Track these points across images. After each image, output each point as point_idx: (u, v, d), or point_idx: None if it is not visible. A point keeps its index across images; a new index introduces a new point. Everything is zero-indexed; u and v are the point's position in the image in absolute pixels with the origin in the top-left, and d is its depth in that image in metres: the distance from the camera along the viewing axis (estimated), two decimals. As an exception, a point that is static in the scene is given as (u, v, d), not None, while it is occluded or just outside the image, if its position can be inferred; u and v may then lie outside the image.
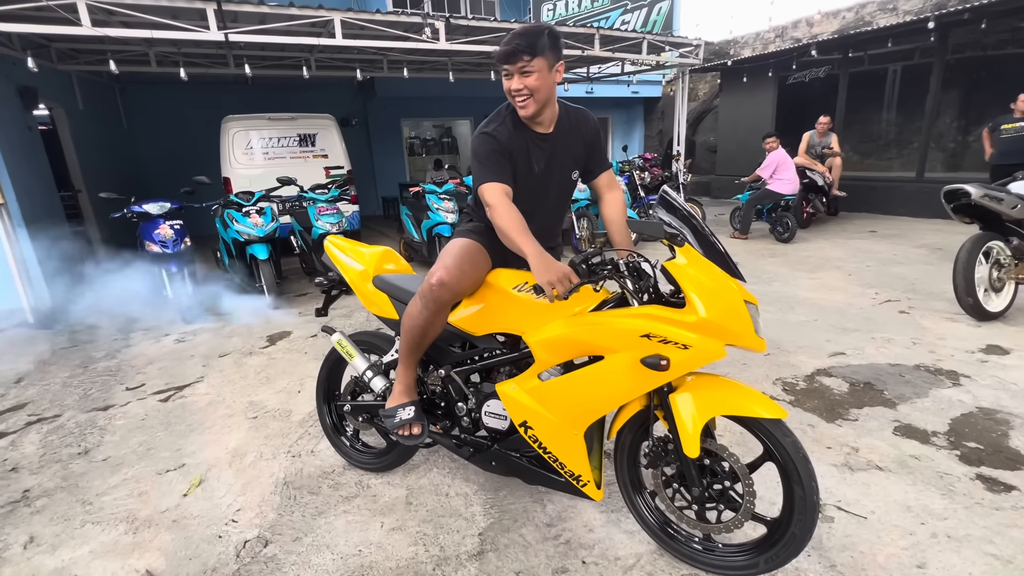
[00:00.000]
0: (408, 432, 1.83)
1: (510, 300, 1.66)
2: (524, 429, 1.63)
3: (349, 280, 2.12)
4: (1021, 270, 3.60)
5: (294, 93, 9.35)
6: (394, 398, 1.86)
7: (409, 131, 12.74)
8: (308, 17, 5.21)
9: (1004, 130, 5.78)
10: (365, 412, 2.12)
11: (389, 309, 1.98)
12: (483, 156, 1.63)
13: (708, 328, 1.34)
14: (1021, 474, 1.99)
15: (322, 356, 3.51)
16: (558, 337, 1.51)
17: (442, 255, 1.74)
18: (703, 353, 1.35)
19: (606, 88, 12.20)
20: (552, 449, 1.61)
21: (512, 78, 1.58)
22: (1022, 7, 6.60)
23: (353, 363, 2.07)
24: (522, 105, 1.60)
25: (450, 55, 7.04)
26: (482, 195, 1.61)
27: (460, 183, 6.23)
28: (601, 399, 1.51)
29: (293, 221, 5.72)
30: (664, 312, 1.40)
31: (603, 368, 1.47)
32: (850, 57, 8.57)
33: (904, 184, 8.13)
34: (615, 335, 1.43)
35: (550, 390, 1.56)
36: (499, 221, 1.55)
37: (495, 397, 1.72)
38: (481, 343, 1.80)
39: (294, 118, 7.03)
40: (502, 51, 1.55)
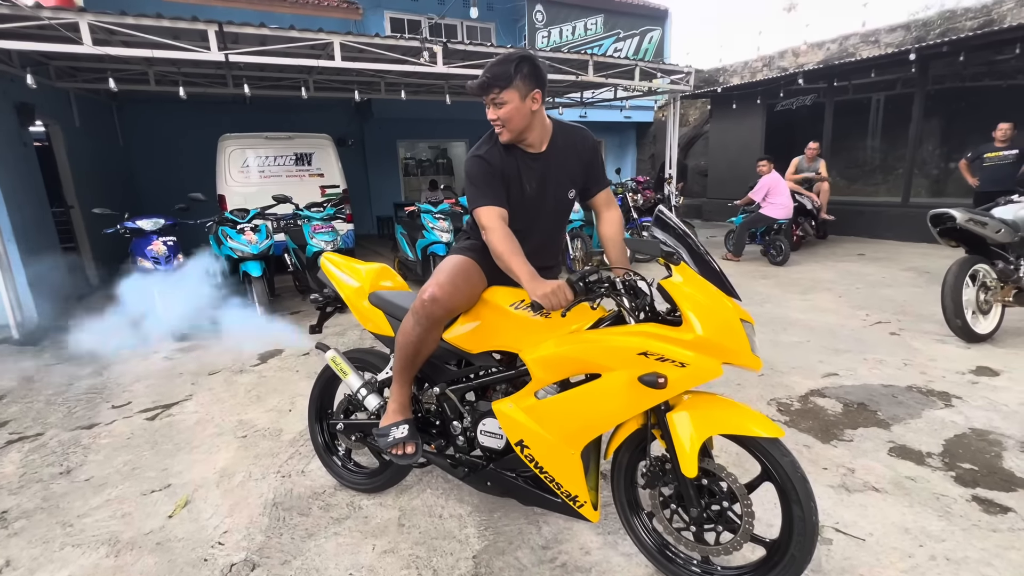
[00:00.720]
0: (402, 451, 1.79)
1: (506, 317, 1.66)
2: (520, 448, 1.61)
3: (345, 297, 2.11)
4: (1007, 293, 3.66)
5: (291, 113, 9.44)
6: (388, 416, 1.83)
7: (404, 152, 12.88)
8: (308, 40, 5.31)
9: (987, 159, 5.95)
10: (358, 431, 2.09)
11: (384, 326, 1.96)
12: (477, 179, 1.65)
13: (705, 346, 1.35)
14: (1016, 495, 1.99)
15: (314, 375, 3.48)
16: (555, 355, 1.51)
17: (436, 272, 1.75)
18: (700, 371, 1.35)
19: (599, 113, 12.46)
20: (548, 469, 1.59)
21: (489, 108, 1.63)
22: (998, 41, 6.89)
23: (347, 381, 2.04)
24: (498, 132, 1.67)
25: (447, 78, 7.17)
26: (477, 218, 1.64)
27: (455, 203, 6.28)
28: (598, 417, 1.50)
29: (287, 239, 5.71)
30: (661, 330, 1.40)
31: (600, 386, 1.46)
32: (835, 86, 8.85)
33: (890, 209, 8.31)
34: (612, 353, 1.43)
35: (547, 408, 1.55)
36: (494, 244, 1.58)
37: (491, 415, 1.70)
38: (477, 361, 1.78)
39: (291, 137, 7.08)
40: (475, 84, 1.61)
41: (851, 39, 9.12)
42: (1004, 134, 5.83)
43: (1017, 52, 6.86)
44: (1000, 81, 7.62)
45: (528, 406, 1.58)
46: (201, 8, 7.92)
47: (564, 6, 11.93)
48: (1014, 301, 3.69)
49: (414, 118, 10.96)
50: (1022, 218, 3.66)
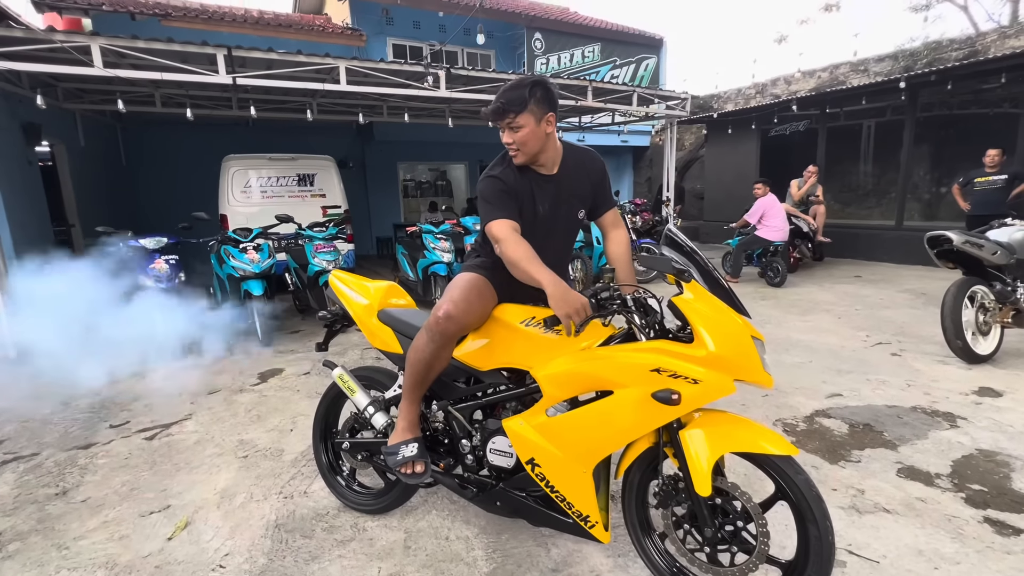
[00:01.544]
0: (411, 470, 1.77)
1: (517, 334, 1.66)
2: (531, 467, 1.59)
3: (353, 314, 2.11)
4: (1006, 314, 3.70)
5: (294, 135, 9.58)
6: (397, 434, 1.81)
7: (404, 173, 13.03)
8: (315, 64, 5.42)
9: (977, 183, 6.08)
10: (365, 450, 2.06)
11: (393, 343, 1.95)
12: (490, 196, 1.67)
13: (717, 363, 1.35)
14: (1028, 517, 1.97)
15: (315, 394, 3.46)
16: (567, 372, 1.51)
17: (449, 289, 1.75)
18: (713, 388, 1.35)
19: (597, 137, 12.68)
20: (559, 488, 1.57)
21: (504, 132, 1.67)
22: (984, 71, 7.11)
23: (354, 398, 2.02)
24: (513, 155, 1.71)
25: (449, 102, 7.31)
26: (490, 232, 1.64)
27: (456, 223, 6.33)
28: (611, 435, 1.49)
29: (289, 258, 5.72)
30: (673, 347, 1.41)
31: (613, 403, 1.45)
32: (827, 113, 9.06)
33: (885, 232, 8.43)
34: (625, 369, 1.42)
35: (558, 426, 1.54)
36: (510, 254, 1.57)
37: (501, 434, 1.68)
38: (487, 378, 1.76)
39: (294, 158, 7.17)
40: (490, 109, 1.65)
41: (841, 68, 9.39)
42: (993, 160, 5.97)
43: (1003, 81, 7.08)
44: (987, 109, 7.84)
45: (539, 423, 1.57)
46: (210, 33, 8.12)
47: (562, 34, 12.27)
48: (1013, 322, 3.72)
49: (415, 140, 11.13)
50: (1017, 240, 3.73)
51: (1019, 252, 3.69)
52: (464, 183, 13.44)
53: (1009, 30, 7.74)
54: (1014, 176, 5.88)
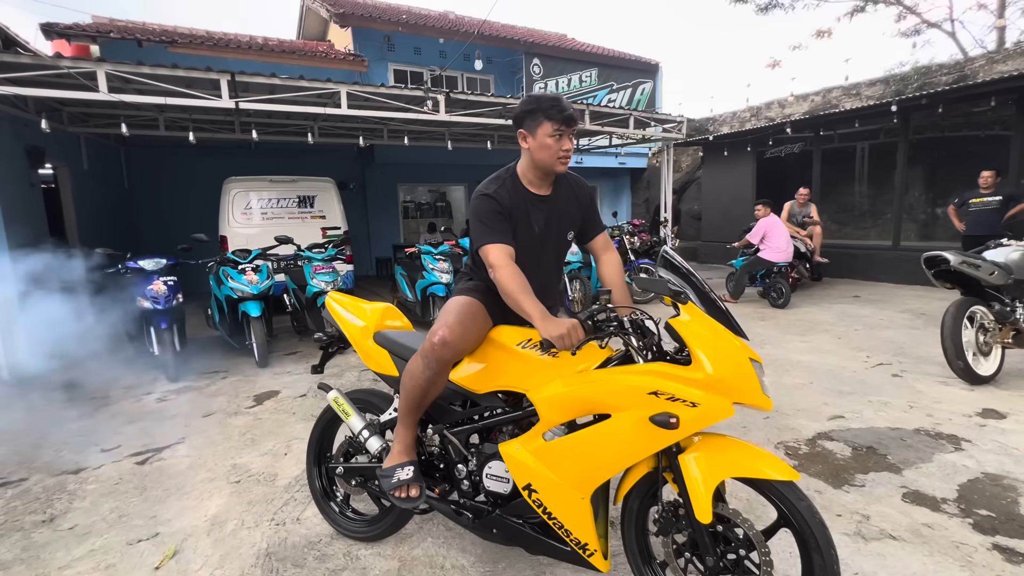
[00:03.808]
0: (406, 494, 1.74)
1: (513, 357, 1.64)
2: (528, 492, 1.55)
3: (349, 336, 2.09)
4: (1006, 334, 3.68)
5: (295, 157, 9.70)
6: (392, 458, 1.78)
7: (404, 195, 13.14)
8: (317, 89, 5.52)
9: (972, 204, 6.13)
10: (359, 475, 2.03)
11: (389, 366, 1.93)
12: (484, 216, 1.67)
13: (716, 385, 1.34)
14: (1038, 544, 1.93)
15: (311, 417, 3.42)
16: (563, 395, 1.49)
17: (443, 313, 1.74)
18: (712, 411, 1.33)
19: (595, 159, 12.85)
20: (557, 514, 1.53)
21: (564, 139, 1.68)
22: (974, 95, 7.25)
23: (349, 422, 1.99)
24: (564, 162, 1.73)
25: (449, 126, 7.42)
26: (485, 256, 1.64)
27: (455, 244, 6.35)
28: (609, 460, 1.46)
29: (287, 279, 5.72)
30: (671, 369, 1.39)
31: (610, 427, 1.43)
32: (821, 135, 9.20)
33: (882, 252, 8.46)
34: (622, 392, 1.41)
35: (556, 450, 1.51)
36: (504, 282, 1.58)
37: (497, 458, 1.65)
38: (483, 401, 1.74)
39: (294, 180, 7.23)
40: (568, 114, 1.66)
41: (834, 92, 9.58)
42: (987, 181, 6.03)
43: (992, 104, 7.21)
44: (978, 131, 7.96)
45: (536, 448, 1.54)
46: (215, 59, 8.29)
47: (560, 60, 12.54)
48: (1013, 343, 3.71)
49: (414, 163, 11.26)
50: (1014, 260, 3.74)
51: (1016, 272, 3.70)
52: (463, 204, 13.55)
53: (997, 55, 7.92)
54: (1008, 197, 5.93)
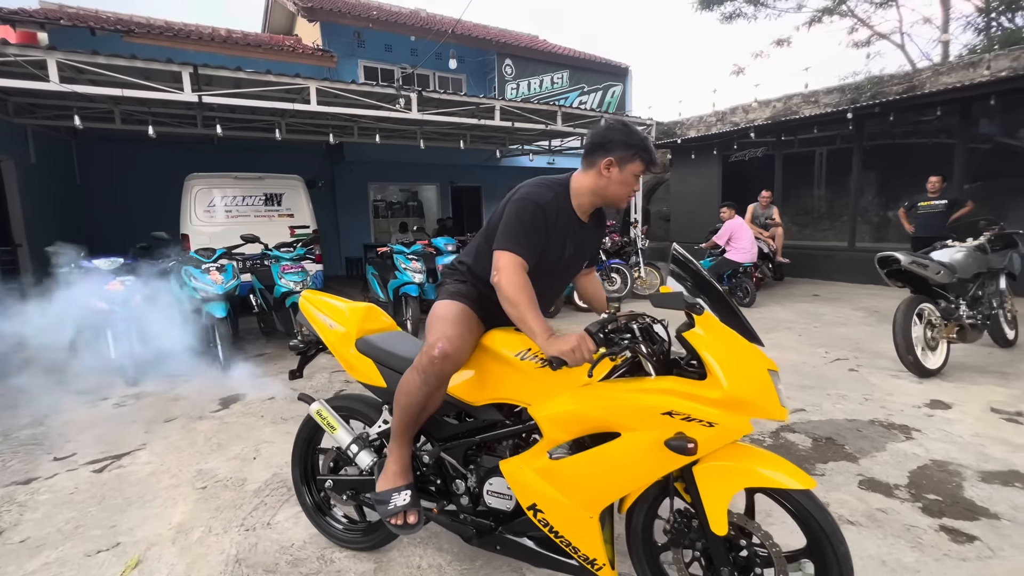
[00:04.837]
0: (403, 521, 1.63)
1: (510, 367, 1.53)
2: (533, 512, 1.47)
3: (328, 343, 1.93)
4: (951, 330, 3.92)
5: (261, 154, 9.43)
6: (387, 479, 1.66)
7: (375, 194, 12.96)
8: (285, 84, 5.39)
9: (921, 207, 6.50)
10: (350, 489, 1.91)
11: (375, 377, 1.79)
12: (527, 221, 1.52)
13: (733, 403, 1.27)
14: (980, 524, 2.06)
15: (281, 420, 3.34)
16: (569, 413, 1.39)
17: (436, 322, 1.60)
18: (728, 431, 1.28)
19: (567, 160, 12.97)
20: (565, 533, 1.45)
21: (638, 181, 1.62)
22: (921, 105, 7.67)
23: (336, 436, 1.84)
24: (627, 202, 1.69)
25: (421, 124, 7.37)
26: (498, 258, 1.50)
27: (428, 244, 6.31)
28: (620, 481, 1.39)
29: (254, 279, 5.57)
30: (685, 386, 1.31)
31: (621, 447, 1.35)
32: (783, 140, 9.56)
33: (839, 253, 8.86)
34: (634, 412, 1.32)
35: (562, 470, 1.42)
36: (509, 290, 1.45)
37: (497, 474, 1.56)
38: (479, 414, 1.63)
39: (261, 178, 7.04)
40: (656, 160, 1.60)
41: (794, 99, 9.94)
42: (934, 186, 6.40)
43: (938, 114, 7.65)
44: (926, 139, 8.43)
45: (541, 467, 1.44)
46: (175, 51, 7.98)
47: (532, 61, 12.62)
48: (957, 338, 3.95)
49: (385, 161, 11.12)
50: (958, 261, 3.99)
51: (960, 272, 3.94)
52: (435, 204, 13.47)
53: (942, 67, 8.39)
54: (953, 201, 6.32)
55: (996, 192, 7.43)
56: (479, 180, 13.33)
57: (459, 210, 13.62)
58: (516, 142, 10.32)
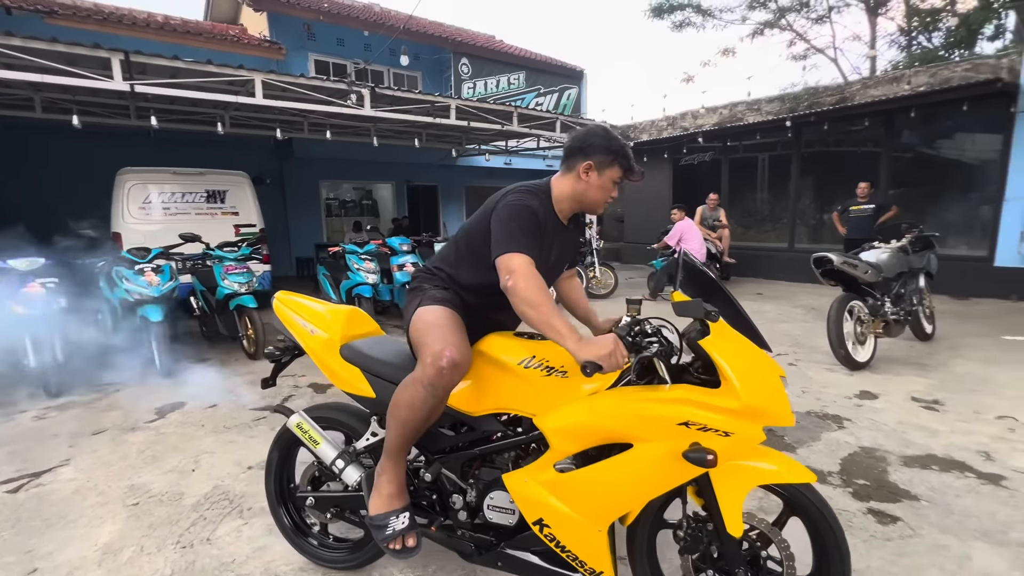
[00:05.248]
0: (401, 545, 1.53)
1: (515, 376, 1.45)
2: (539, 527, 1.40)
3: (308, 349, 1.79)
4: (877, 325, 4.21)
5: (204, 148, 8.92)
6: (381, 501, 1.54)
7: (327, 192, 12.58)
8: (227, 75, 5.13)
9: (851, 211, 6.96)
10: (335, 505, 1.78)
11: (363, 386, 1.67)
12: (525, 224, 1.47)
13: (748, 412, 1.26)
14: (903, 506, 2.22)
15: (224, 428, 3.18)
16: (579, 424, 1.34)
17: (432, 330, 1.48)
18: (743, 440, 1.27)
19: (524, 161, 13.06)
20: (572, 548, 1.40)
21: (616, 187, 1.60)
22: (851, 115, 8.22)
23: (319, 451, 1.72)
24: (605, 207, 1.65)
25: (374, 121, 7.20)
26: (508, 261, 1.41)
27: (382, 244, 6.18)
28: (633, 493, 1.36)
29: (194, 280, 5.27)
30: (701, 395, 1.29)
31: (636, 459, 1.31)
32: (728, 145, 10.01)
33: (780, 253, 9.36)
34: (649, 423, 1.29)
35: (572, 483, 1.36)
36: (528, 292, 1.36)
37: (499, 488, 1.49)
38: (479, 425, 1.55)
39: (202, 173, 6.68)
40: (634, 167, 1.57)
41: (739, 106, 10.42)
42: (863, 191, 6.88)
43: (866, 124, 8.22)
44: (856, 147, 9.04)
45: (548, 480, 1.38)
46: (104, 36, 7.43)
47: (488, 61, 12.61)
48: (883, 332, 4.25)
49: (338, 158, 10.80)
50: (883, 261, 4.29)
51: (885, 271, 4.25)
52: (391, 203, 13.21)
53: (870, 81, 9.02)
54: (880, 206, 6.81)
55: (916, 198, 8.07)
56: (435, 179, 13.19)
57: (415, 209, 13.42)
58: (473, 142, 10.28)
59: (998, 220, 7.02)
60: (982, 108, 7.07)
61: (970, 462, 2.62)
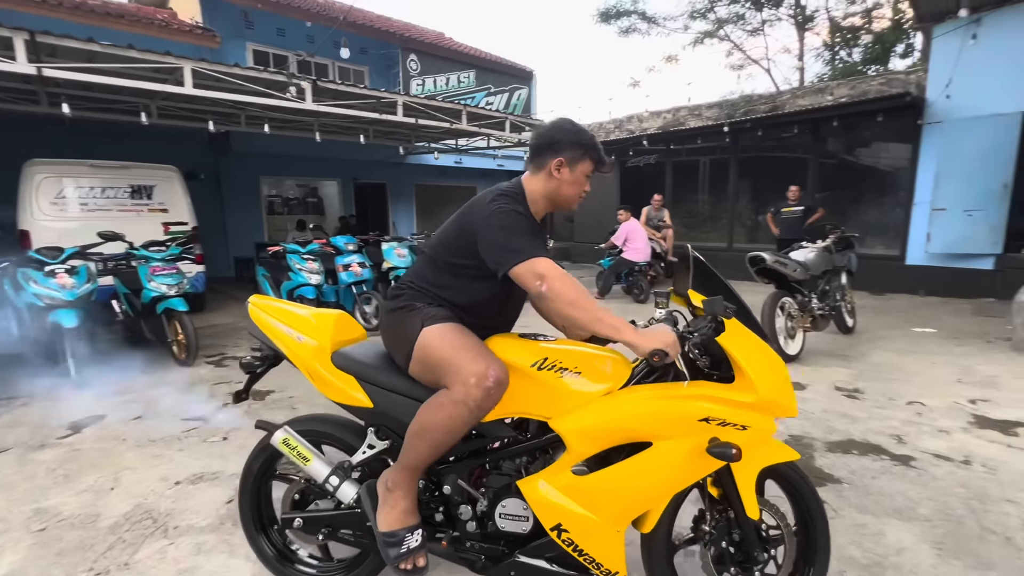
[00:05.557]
0: (412, 565, 1.45)
1: (528, 380, 1.41)
2: (557, 532, 1.38)
3: (295, 357, 1.63)
4: (805, 320, 4.50)
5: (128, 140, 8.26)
6: (395, 517, 1.44)
7: (269, 189, 12.01)
8: (152, 62, 4.78)
9: (783, 213, 7.40)
10: (326, 525, 1.64)
11: (359, 396, 1.55)
12: (525, 230, 1.43)
13: (763, 405, 1.33)
14: (827, 489, 2.38)
15: (148, 442, 2.96)
16: (599, 425, 1.33)
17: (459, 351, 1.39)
18: (760, 433, 1.32)
19: (475, 160, 13.00)
20: (590, 551, 1.38)
21: (587, 183, 1.57)
22: (783, 123, 8.75)
23: (309, 468, 1.57)
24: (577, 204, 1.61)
25: (317, 115, 6.93)
26: (533, 267, 1.36)
27: (326, 243, 5.97)
28: (653, 491, 1.37)
29: (117, 283, 4.88)
30: (719, 391, 1.34)
31: (657, 457, 1.32)
32: (672, 149, 10.40)
33: (720, 252, 9.81)
34: (671, 421, 1.31)
35: (591, 486, 1.35)
36: (571, 292, 1.33)
37: (510, 495, 1.45)
38: (489, 431, 1.49)
39: (126, 167, 6.20)
40: (604, 157, 1.56)
41: (681, 111, 10.85)
42: (794, 194, 7.33)
43: (795, 132, 8.77)
44: (788, 153, 9.63)
45: (566, 485, 1.36)
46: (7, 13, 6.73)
47: (438, 58, 12.46)
48: (811, 327, 4.55)
49: (280, 154, 10.32)
50: (810, 260, 4.59)
51: (812, 269, 4.54)
52: (338, 201, 12.79)
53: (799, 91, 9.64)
54: (808, 208, 7.28)
55: (840, 201, 8.70)
56: (384, 177, 12.88)
57: (363, 208, 13.07)
58: (422, 139, 10.11)
59: (908, 222, 7.69)
60: (895, 119, 7.73)
61: (885, 445, 2.84)
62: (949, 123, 7.13)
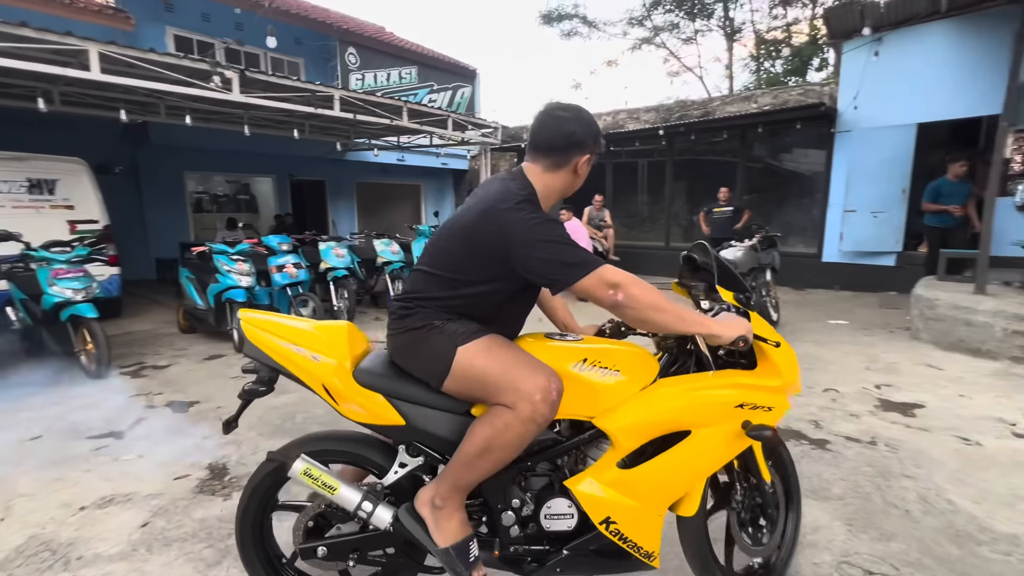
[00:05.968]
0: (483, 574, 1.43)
1: (572, 381, 1.41)
2: (606, 526, 1.42)
3: (311, 380, 1.45)
4: (735, 315, 4.76)
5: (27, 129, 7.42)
6: (455, 528, 1.40)
7: (196, 185, 11.23)
8: (50, 43, 4.32)
9: (714, 213, 7.81)
10: (353, 551, 1.50)
11: (390, 414, 1.42)
12: (570, 239, 1.37)
13: (784, 388, 1.50)
14: (751, 474, 2.52)
15: (50, 463, 2.68)
16: (644, 420, 1.40)
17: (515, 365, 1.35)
18: (780, 411, 1.48)
19: (418, 158, 12.76)
20: (634, 537, 1.44)
21: None
22: (713, 128, 9.23)
23: (337, 496, 1.43)
24: None
25: (247, 108, 6.55)
26: (600, 276, 1.30)
27: (257, 243, 5.65)
28: (694, 475, 1.47)
29: (12, 288, 4.39)
30: (748, 378, 1.48)
31: (697, 444, 1.42)
32: (612, 150, 10.70)
33: (658, 251, 10.22)
34: (711, 409, 1.43)
35: (638, 478, 1.41)
36: (651, 296, 1.30)
37: (554, 495, 1.47)
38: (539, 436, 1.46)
39: (21, 158, 5.59)
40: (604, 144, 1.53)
41: (621, 114, 11.18)
42: (724, 196, 7.75)
43: (724, 137, 9.28)
44: (719, 157, 10.18)
45: (613, 479, 1.41)
46: None
47: (378, 52, 12.12)
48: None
49: (206, 148, 9.66)
50: (738, 258, 4.87)
51: (740, 267, 4.82)
52: (271, 198, 12.16)
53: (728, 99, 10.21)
54: (737, 209, 7.72)
55: (765, 202, 9.30)
56: (323, 174, 12.38)
57: (301, 206, 12.51)
58: (361, 135, 9.80)
59: (824, 223, 8.34)
60: (811, 127, 8.35)
61: (804, 431, 3.05)
62: (857, 132, 7.80)
